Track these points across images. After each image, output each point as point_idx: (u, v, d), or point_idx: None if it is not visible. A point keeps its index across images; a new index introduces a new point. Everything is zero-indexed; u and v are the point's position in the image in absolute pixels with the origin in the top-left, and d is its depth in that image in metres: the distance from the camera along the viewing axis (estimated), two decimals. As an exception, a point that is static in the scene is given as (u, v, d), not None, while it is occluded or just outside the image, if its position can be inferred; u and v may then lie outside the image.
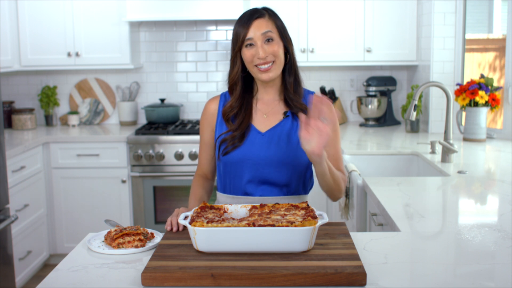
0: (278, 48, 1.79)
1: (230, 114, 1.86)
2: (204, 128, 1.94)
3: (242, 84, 1.86)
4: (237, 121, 1.84)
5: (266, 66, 1.78)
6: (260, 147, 1.82)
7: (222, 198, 1.92)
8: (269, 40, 1.78)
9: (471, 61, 4.09)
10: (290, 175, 1.84)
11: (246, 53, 1.79)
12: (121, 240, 1.56)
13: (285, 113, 1.86)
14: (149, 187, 3.88)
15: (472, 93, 3.34)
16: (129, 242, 1.57)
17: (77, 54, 4.06)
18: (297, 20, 3.99)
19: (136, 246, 1.56)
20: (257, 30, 1.77)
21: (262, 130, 1.85)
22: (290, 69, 1.86)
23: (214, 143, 1.91)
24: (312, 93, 1.91)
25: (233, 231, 1.41)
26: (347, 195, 2.72)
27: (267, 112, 1.88)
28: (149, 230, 1.69)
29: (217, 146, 1.86)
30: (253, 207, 1.61)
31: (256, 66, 1.79)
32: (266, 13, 1.82)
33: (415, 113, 2.84)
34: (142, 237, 1.59)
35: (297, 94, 1.87)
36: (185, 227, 1.62)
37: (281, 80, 1.88)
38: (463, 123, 3.61)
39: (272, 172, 1.82)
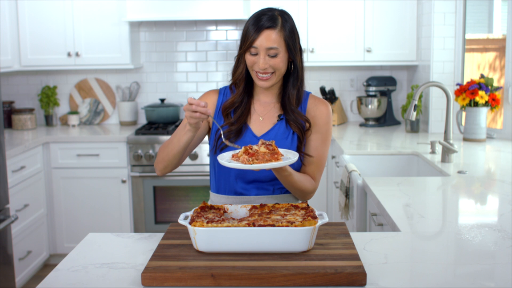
0: (280, 62, 1.77)
1: (230, 109, 1.87)
2: None
3: (245, 82, 1.87)
4: (235, 116, 1.86)
5: (264, 75, 1.79)
6: None
7: (215, 199, 1.94)
8: (273, 56, 1.76)
9: (471, 61, 4.09)
10: None
11: (249, 58, 1.80)
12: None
13: (279, 116, 1.87)
14: (149, 187, 3.88)
15: (472, 93, 3.34)
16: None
17: (77, 54, 4.06)
18: (297, 20, 3.99)
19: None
20: (264, 42, 1.75)
21: (257, 134, 1.87)
22: (294, 81, 1.84)
23: (204, 132, 1.90)
24: (309, 93, 1.92)
25: (233, 231, 1.41)
26: (347, 195, 2.72)
27: (263, 115, 1.89)
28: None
29: (215, 140, 1.86)
30: (253, 207, 1.61)
31: (255, 71, 1.80)
32: (279, 23, 1.76)
33: (415, 113, 2.84)
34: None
35: (298, 107, 1.85)
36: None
37: (281, 85, 1.88)
38: (463, 123, 3.61)
39: (262, 171, 1.83)
